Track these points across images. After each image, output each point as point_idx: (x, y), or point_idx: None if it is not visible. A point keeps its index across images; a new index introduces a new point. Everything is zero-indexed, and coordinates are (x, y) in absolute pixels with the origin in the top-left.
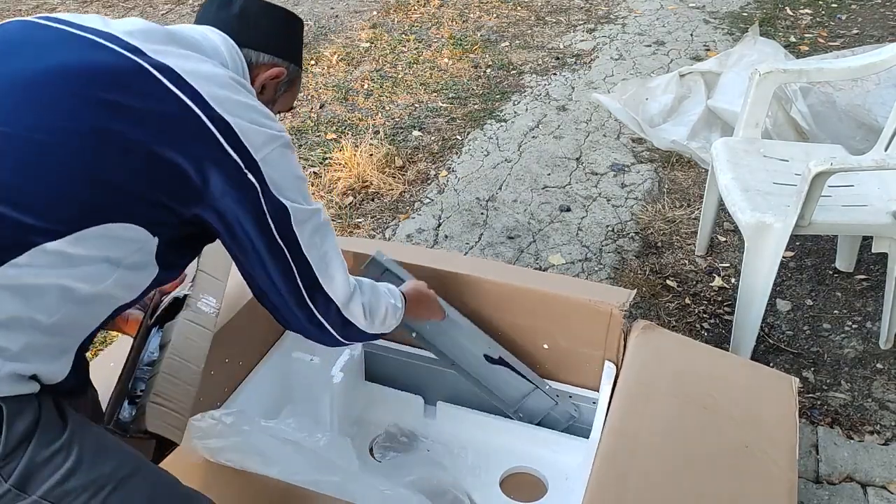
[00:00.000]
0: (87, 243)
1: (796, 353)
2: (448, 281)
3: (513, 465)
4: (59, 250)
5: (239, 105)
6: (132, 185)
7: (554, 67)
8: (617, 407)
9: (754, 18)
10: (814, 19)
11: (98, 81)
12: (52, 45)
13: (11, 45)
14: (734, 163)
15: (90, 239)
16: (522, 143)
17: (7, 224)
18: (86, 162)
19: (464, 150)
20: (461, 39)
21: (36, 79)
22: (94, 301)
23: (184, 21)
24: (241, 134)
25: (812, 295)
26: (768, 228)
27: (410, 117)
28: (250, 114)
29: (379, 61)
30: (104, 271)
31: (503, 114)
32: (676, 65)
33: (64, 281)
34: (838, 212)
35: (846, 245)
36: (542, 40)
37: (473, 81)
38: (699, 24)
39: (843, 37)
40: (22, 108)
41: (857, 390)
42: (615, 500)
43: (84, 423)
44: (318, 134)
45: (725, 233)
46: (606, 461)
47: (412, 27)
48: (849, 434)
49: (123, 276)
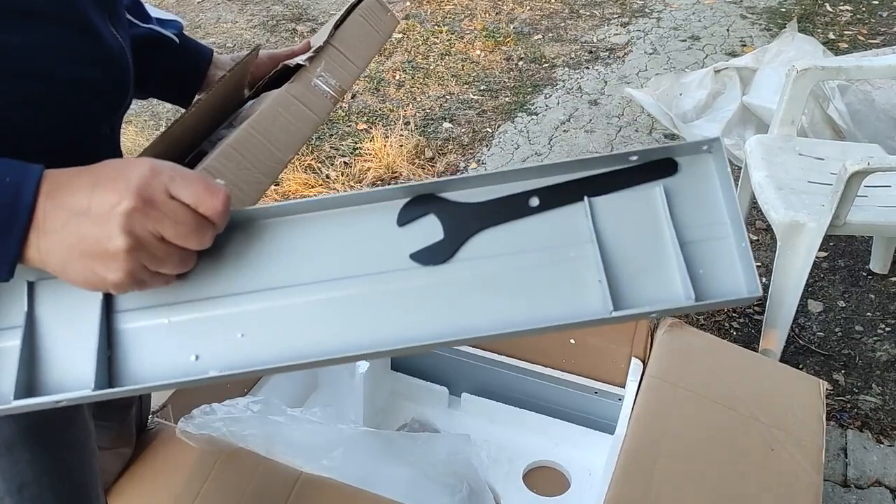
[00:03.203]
0: None
1: (827, 355)
2: None
3: (536, 459)
4: None
5: None
6: None
7: (587, 61)
8: (642, 404)
9: (793, 14)
10: (854, 16)
11: None
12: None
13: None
14: (768, 160)
15: None
16: (553, 137)
17: None
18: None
19: (494, 142)
20: (494, 31)
21: None
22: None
23: (219, 9)
24: None
25: (845, 296)
26: (802, 228)
27: (441, 109)
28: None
29: (411, 52)
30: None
31: (534, 107)
32: (711, 60)
33: None
34: (874, 212)
35: (881, 246)
36: (575, 33)
37: (505, 74)
38: (736, 19)
39: (884, 34)
40: None
41: (889, 394)
42: (638, 497)
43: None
44: (349, 124)
45: (757, 231)
46: (630, 458)
47: (445, 18)
48: (878, 438)
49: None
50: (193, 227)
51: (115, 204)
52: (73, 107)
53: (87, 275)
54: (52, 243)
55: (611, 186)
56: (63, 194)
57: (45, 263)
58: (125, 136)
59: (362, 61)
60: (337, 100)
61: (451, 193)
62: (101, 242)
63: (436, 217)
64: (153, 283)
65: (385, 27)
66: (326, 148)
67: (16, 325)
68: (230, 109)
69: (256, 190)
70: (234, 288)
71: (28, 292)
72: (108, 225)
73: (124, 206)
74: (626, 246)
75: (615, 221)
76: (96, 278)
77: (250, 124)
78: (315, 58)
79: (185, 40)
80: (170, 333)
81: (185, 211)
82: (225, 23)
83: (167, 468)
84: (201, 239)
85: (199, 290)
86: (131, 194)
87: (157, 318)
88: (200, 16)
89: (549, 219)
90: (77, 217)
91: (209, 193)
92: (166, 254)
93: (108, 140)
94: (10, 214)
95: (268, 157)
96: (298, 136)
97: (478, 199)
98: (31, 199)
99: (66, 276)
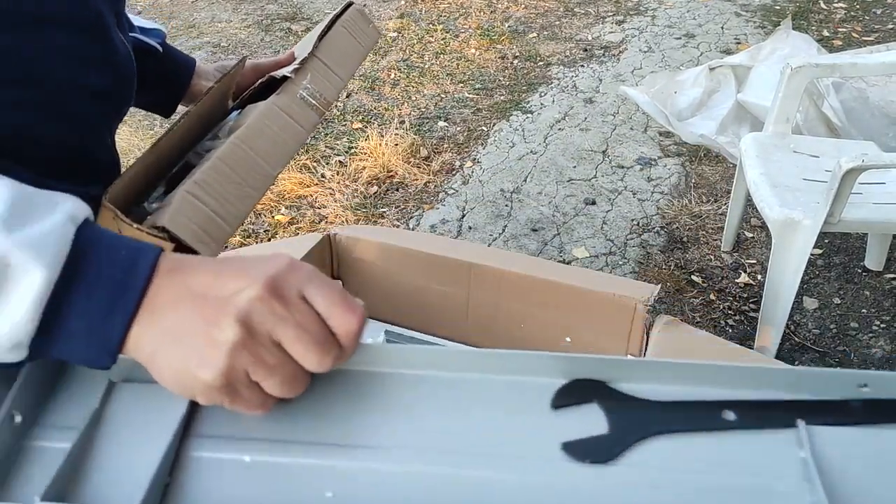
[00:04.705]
0: None
1: (822, 352)
2: (471, 272)
3: None
4: None
5: None
6: None
7: (582, 59)
8: None
9: (787, 12)
10: (848, 13)
11: None
12: None
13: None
14: (763, 158)
15: None
16: (548, 136)
17: None
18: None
19: (489, 141)
20: (489, 30)
21: None
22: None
23: (213, 9)
24: None
25: (840, 293)
26: (797, 225)
27: (436, 108)
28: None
29: (406, 51)
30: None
31: (529, 105)
32: (706, 58)
33: None
34: (869, 209)
35: (876, 243)
36: (570, 32)
37: (500, 72)
38: (731, 16)
39: (878, 31)
40: None
41: None
42: None
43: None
44: (345, 123)
45: (753, 229)
46: None
47: (440, 17)
48: None
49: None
50: (318, 340)
51: (238, 289)
52: (81, 112)
53: (178, 365)
54: (153, 321)
55: (832, 418)
56: (185, 272)
57: (137, 347)
58: (119, 137)
59: (346, 73)
60: (323, 112)
61: (623, 384)
62: (209, 328)
63: (600, 407)
64: (247, 398)
65: (368, 39)
66: (322, 147)
67: (73, 427)
68: (216, 120)
69: (247, 204)
70: (332, 437)
71: (104, 392)
72: (223, 309)
73: (248, 292)
74: (865, 492)
75: (845, 460)
76: (187, 372)
77: (239, 138)
78: (300, 69)
79: (168, 49)
80: (246, 473)
81: (315, 319)
82: (219, 22)
83: None
84: (322, 358)
85: (290, 429)
86: (260, 283)
87: (236, 453)
88: (194, 15)
89: (748, 440)
90: (192, 298)
91: (346, 308)
92: (277, 363)
93: (107, 144)
94: (122, 288)
95: (257, 171)
96: (286, 149)
97: (655, 396)
98: (148, 272)
99: (155, 365)
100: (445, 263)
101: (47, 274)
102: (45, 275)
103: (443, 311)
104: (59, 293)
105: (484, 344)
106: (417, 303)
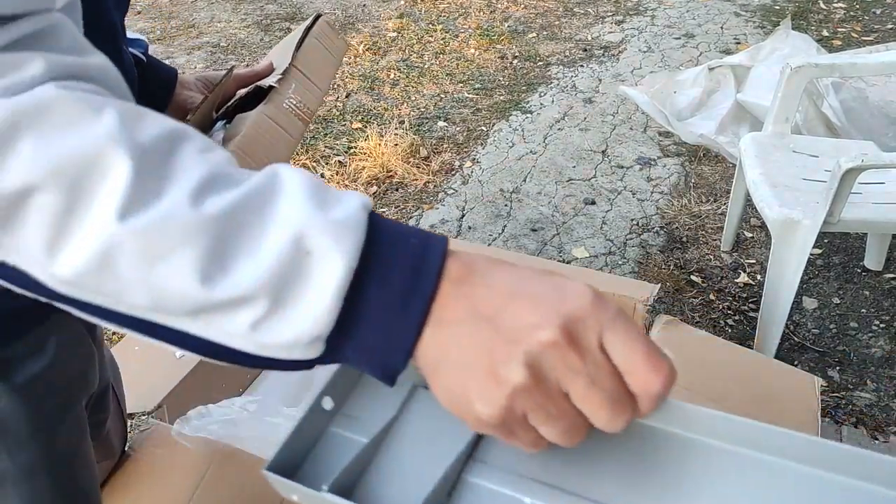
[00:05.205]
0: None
1: (822, 352)
2: None
3: None
4: None
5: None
6: None
7: (581, 59)
8: None
9: (786, 12)
10: (847, 13)
11: None
12: None
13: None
14: (763, 158)
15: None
16: (548, 135)
17: None
18: None
19: (489, 141)
20: (488, 30)
21: None
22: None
23: (213, 8)
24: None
25: (839, 293)
26: (796, 225)
27: (436, 108)
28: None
29: (405, 51)
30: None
31: (529, 105)
32: (706, 58)
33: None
34: (868, 209)
35: (876, 243)
36: (569, 31)
37: (500, 72)
38: (730, 16)
39: (878, 31)
40: None
41: (883, 390)
42: None
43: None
44: (344, 123)
45: (752, 229)
46: None
47: (440, 17)
48: (873, 434)
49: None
50: (612, 398)
51: (533, 326)
52: None
53: (458, 390)
54: (440, 331)
55: None
56: (473, 284)
57: (424, 354)
58: None
59: (324, 83)
60: (307, 121)
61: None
62: (495, 363)
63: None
64: (521, 437)
65: (337, 51)
66: (321, 147)
67: (372, 422)
68: (204, 131)
69: None
70: (628, 498)
71: (407, 393)
72: (514, 347)
73: (542, 335)
74: None
75: None
76: (465, 399)
77: (237, 146)
78: (283, 79)
79: (151, 60)
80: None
81: (612, 373)
82: (219, 22)
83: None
84: (614, 419)
85: (576, 478)
86: (557, 325)
87: (515, 491)
88: (194, 15)
89: None
90: (480, 320)
91: (652, 366)
92: (560, 414)
93: None
94: (416, 279)
95: None
96: (280, 157)
97: None
98: (439, 261)
99: (435, 378)
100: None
101: (348, 261)
102: (346, 262)
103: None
104: (356, 284)
105: None
106: None
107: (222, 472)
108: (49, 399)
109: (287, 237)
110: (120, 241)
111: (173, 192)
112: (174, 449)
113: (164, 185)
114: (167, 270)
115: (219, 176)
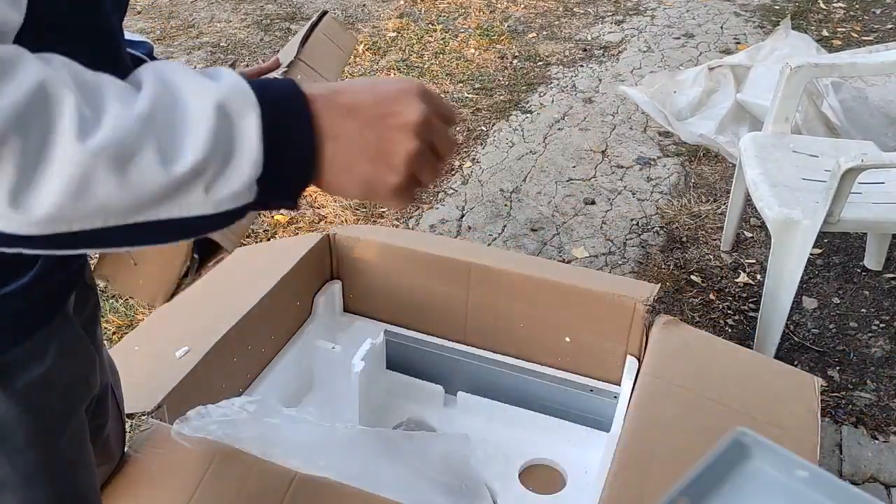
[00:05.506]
0: None
1: (822, 352)
2: (470, 272)
3: (532, 457)
4: None
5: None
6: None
7: (581, 59)
8: (637, 402)
9: (786, 11)
10: (847, 13)
11: None
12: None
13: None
14: (762, 158)
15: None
16: (548, 135)
17: None
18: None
19: (489, 141)
20: (488, 30)
21: None
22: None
23: (213, 8)
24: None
25: (839, 293)
26: (796, 225)
27: None
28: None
29: (405, 51)
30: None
31: (529, 105)
32: (706, 58)
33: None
34: (868, 209)
35: (875, 243)
36: (569, 31)
37: (500, 72)
38: (730, 16)
39: (878, 31)
40: None
41: (883, 390)
42: (634, 495)
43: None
44: None
45: (752, 228)
46: (626, 457)
47: (439, 17)
48: (873, 434)
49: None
50: (451, 140)
51: (409, 113)
52: None
53: (368, 176)
54: (336, 145)
55: None
56: (335, 100)
57: (326, 170)
58: None
59: (333, 77)
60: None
61: None
62: (390, 142)
63: None
64: (416, 192)
65: (346, 45)
66: None
67: None
68: None
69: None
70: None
71: None
72: (403, 132)
73: (417, 114)
74: None
75: None
76: (377, 181)
77: None
78: (288, 72)
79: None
80: None
81: (445, 127)
82: (219, 22)
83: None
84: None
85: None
86: (420, 107)
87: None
88: (194, 15)
89: None
90: (357, 120)
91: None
92: (433, 162)
93: None
94: (296, 111)
95: None
96: None
97: None
98: (302, 97)
99: (341, 184)
100: (445, 263)
101: (258, 111)
102: (257, 112)
103: (442, 311)
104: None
105: (483, 344)
106: (417, 303)
107: (222, 473)
108: (49, 405)
109: (209, 108)
110: (90, 162)
111: (110, 108)
112: (174, 449)
113: (100, 105)
114: (137, 168)
115: (128, 88)
